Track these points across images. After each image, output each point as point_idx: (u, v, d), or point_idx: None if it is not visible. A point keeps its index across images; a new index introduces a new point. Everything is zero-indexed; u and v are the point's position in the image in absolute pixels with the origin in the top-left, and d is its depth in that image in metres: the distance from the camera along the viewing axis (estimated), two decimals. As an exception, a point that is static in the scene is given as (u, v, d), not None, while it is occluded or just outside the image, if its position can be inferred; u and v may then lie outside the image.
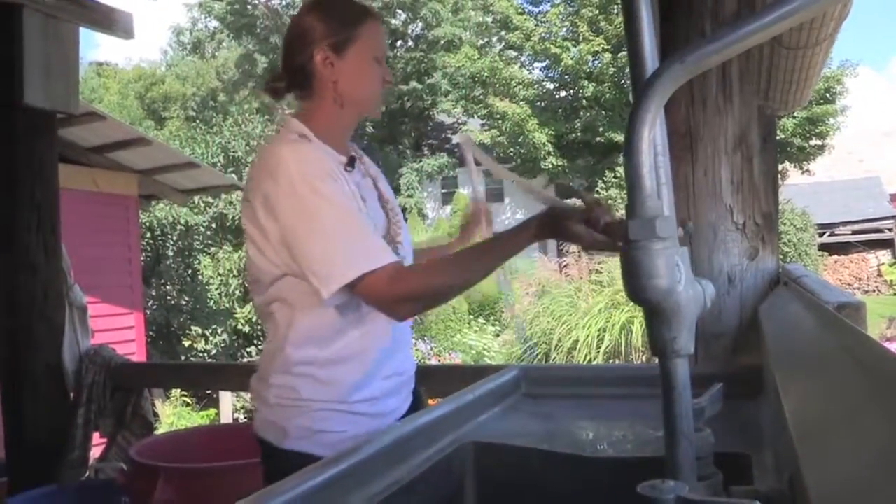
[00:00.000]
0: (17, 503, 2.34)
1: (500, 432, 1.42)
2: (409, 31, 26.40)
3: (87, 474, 2.66)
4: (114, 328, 6.06)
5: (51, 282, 2.66)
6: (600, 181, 20.77)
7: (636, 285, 0.58)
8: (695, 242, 1.75)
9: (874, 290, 22.93)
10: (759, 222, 1.72)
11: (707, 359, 1.74)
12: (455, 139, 26.84)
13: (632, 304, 5.01)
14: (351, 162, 1.51)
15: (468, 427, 1.40)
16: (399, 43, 26.43)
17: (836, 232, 24.73)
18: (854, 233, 24.74)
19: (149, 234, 9.17)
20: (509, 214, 27.38)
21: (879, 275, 23.91)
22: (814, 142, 21.52)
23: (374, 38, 1.50)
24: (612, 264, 9.04)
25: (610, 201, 19.24)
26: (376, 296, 1.37)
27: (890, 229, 24.60)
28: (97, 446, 2.93)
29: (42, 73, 2.66)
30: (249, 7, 25.51)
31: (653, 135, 0.57)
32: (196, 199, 8.88)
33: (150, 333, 8.00)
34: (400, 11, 25.47)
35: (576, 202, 1.56)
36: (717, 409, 0.82)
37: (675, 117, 1.76)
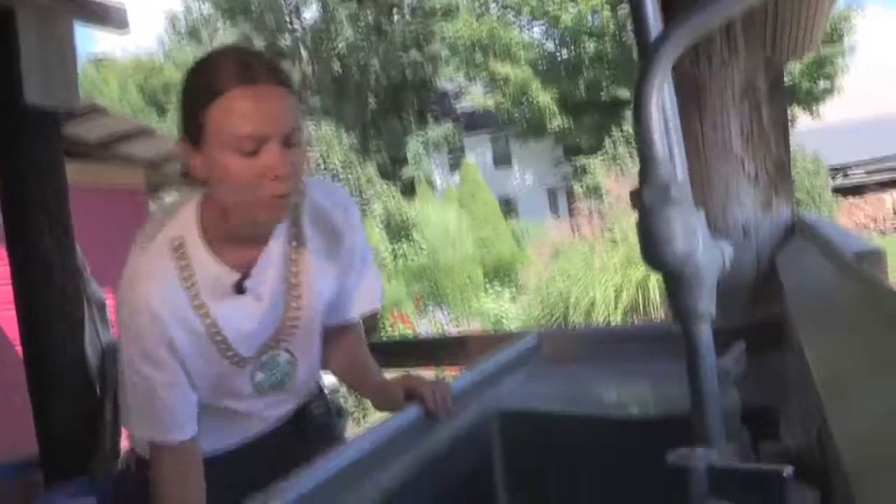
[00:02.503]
0: (54, 497, 2.38)
1: (524, 399, 1.42)
2: (406, 2, 26.14)
3: (118, 467, 2.70)
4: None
5: (68, 280, 2.67)
6: (607, 138, 20.63)
7: (653, 252, 0.57)
8: (707, 196, 1.73)
9: (892, 230, 22.74)
10: (771, 171, 1.70)
11: (725, 312, 1.73)
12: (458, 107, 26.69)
13: (647, 260, 4.99)
14: (240, 284, 1.26)
15: (492, 396, 1.41)
16: (396, 14, 26.19)
17: (850, 173, 24.49)
18: (868, 173, 24.49)
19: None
20: (518, 178, 27.30)
21: (895, 213, 23.69)
22: (822, 84, 21.25)
23: (229, 120, 1.10)
24: (624, 222, 9.01)
25: (618, 158, 19.13)
26: (153, 465, 1.27)
27: (904, 168, 24.34)
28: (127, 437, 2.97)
29: (40, 72, 2.65)
30: (242, -12, 25.33)
31: (661, 99, 0.57)
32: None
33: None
34: (395, -19, 25.23)
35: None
36: (742, 369, 0.81)
37: (681, 73, 1.74)
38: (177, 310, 1.21)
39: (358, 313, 1.47)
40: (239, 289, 1.26)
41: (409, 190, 21.27)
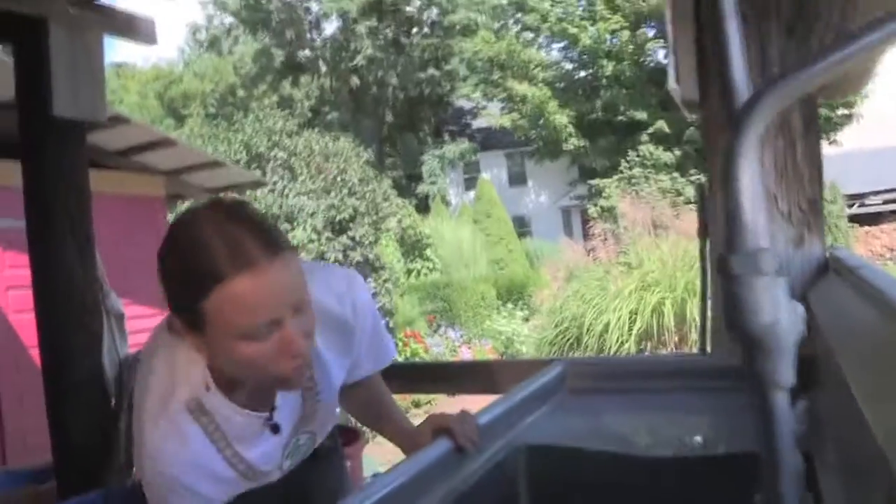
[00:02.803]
0: (66, 509, 2.38)
1: (551, 433, 1.40)
2: (425, 18, 26.30)
3: (132, 478, 2.69)
4: (147, 329, 6.10)
5: (87, 291, 2.68)
6: (623, 161, 20.63)
7: (737, 319, 0.56)
8: (738, 231, 1.72)
9: (909, 261, 22.57)
10: (805, 208, 1.69)
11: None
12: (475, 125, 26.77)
13: (662, 285, 4.95)
14: (272, 423, 1.23)
15: (519, 429, 1.39)
16: (415, 30, 26.33)
17: (866, 202, 24.36)
18: (885, 202, 24.35)
19: (177, 234, 9.21)
20: (533, 197, 27.30)
21: (915, 245, 23.52)
22: (841, 111, 21.18)
23: (234, 313, 0.99)
24: (639, 246, 8.98)
25: (633, 181, 19.12)
26: None
27: (922, 197, 24.19)
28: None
29: (69, 84, 2.66)
30: (263, 1, 25.53)
31: (752, 165, 0.56)
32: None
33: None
34: (415, -2, 25.38)
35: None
36: (805, 427, 0.79)
37: (713, 107, 1.73)
38: (209, 471, 1.18)
39: (369, 373, 1.44)
40: (274, 429, 1.23)
41: (423, 206, 21.31)
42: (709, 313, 1.95)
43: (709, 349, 1.99)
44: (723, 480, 1.20)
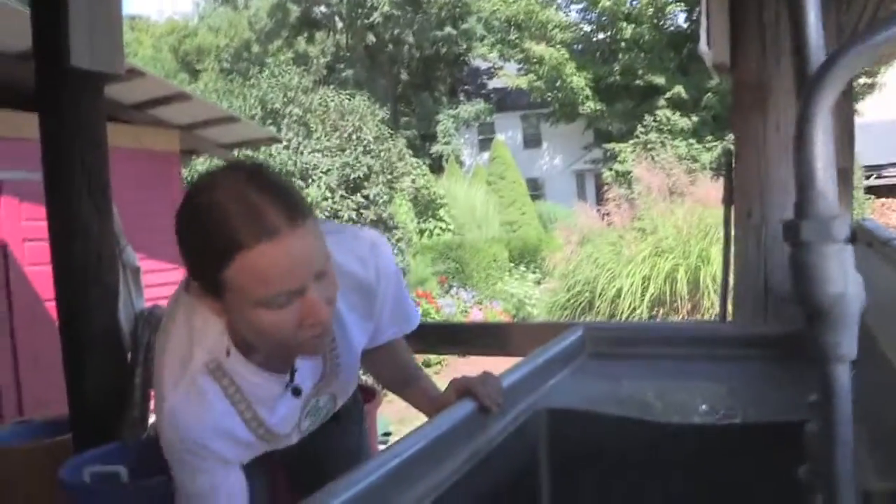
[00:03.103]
0: (84, 459, 2.40)
1: (571, 397, 1.40)
2: (443, -24, 25.93)
3: (146, 432, 2.71)
4: (162, 283, 6.15)
5: (104, 245, 2.67)
6: (639, 125, 20.41)
7: (805, 290, 0.54)
8: (765, 198, 1.69)
9: (922, 233, 22.31)
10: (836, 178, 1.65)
11: (778, 320, 1.69)
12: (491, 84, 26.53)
13: (676, 252, 4.90)
14: (293, 386, 1.23)
15: (540, 392, 1.39)
16: (432, -13, 25.99)
17: (884, 174, 24.07)
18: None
19: (190, 189, 9.22)
20: (547, 160, 27.13)
21: (925, 216, 23.26)
22: (863, 80, 20.83)
23: (255, 282, 0.98)
24: (654, 211, 8.92)
25: (650, 146, 18.94)
26: None
27: (939, 170, 23.85)
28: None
29: (87, 34, 2.63)
30: (280, -45, 25.21)
31: (826, 130, 0.53)
32: (236, 152, 8.92)
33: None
34: (433, -45, 24.99)
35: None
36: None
37: (745, 69, 1.69)
38: (228, 433, 1.18)
39: (392, 338, 1.41)
40: (295, 392, 1.23)
41: (437, 167, 21.22)
42: (730, 280, 1.93)
43: (729, 317, 1.98)
44: (751, 449, 1.19)
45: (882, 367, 0.99)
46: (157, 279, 6.08)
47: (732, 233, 1.85)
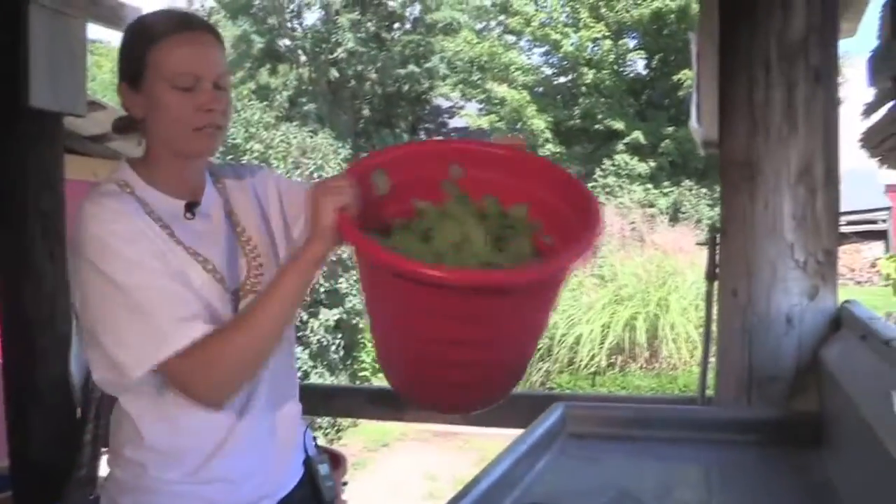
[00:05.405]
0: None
1: (558, 488, 1.33)
2: (407, 14, 26.13)
3: (95, 493, 2.57)
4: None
5: (58, 292, 2.56)
6: (598, 169, 20.65)
7: None
8: (751, 278, 1.66)
9: (867, 281, 22.92)
10: (821, 259, 1.63)
11: (762, 402, 1.65)
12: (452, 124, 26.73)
13: (635, 300, 4.89)
14: (190, 208, 1.32)
15: (525, 483, 1.33)
16: (397, 26, 26.17)
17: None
18: (848, 223, 24.68)
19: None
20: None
21: (872, 266, 23.87)
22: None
23: (169, 58, 1.22)
24: (613, 259, 8.97)
25: (608, 189, 19.18)
26: (181, 378, 1.19)
27: (884, 220, 24.56)
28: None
29: (49, 73, 2.53)
30: (246, -14, 25.19)
31: None
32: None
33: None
34: (398, -7, 25.21)
35: None
36: None
37: (734, 146, 1.67)
38: (153, 245, 1.22)
39: None
40: (190, 209, 1.32)
41: (396, 203, 21.08)
42: (710, 358, 1.89)
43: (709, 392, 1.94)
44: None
45: (877, 454, 0.94)
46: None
47: (714, 309, 1.81)
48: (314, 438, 1.56)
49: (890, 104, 1.81)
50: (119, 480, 1.32)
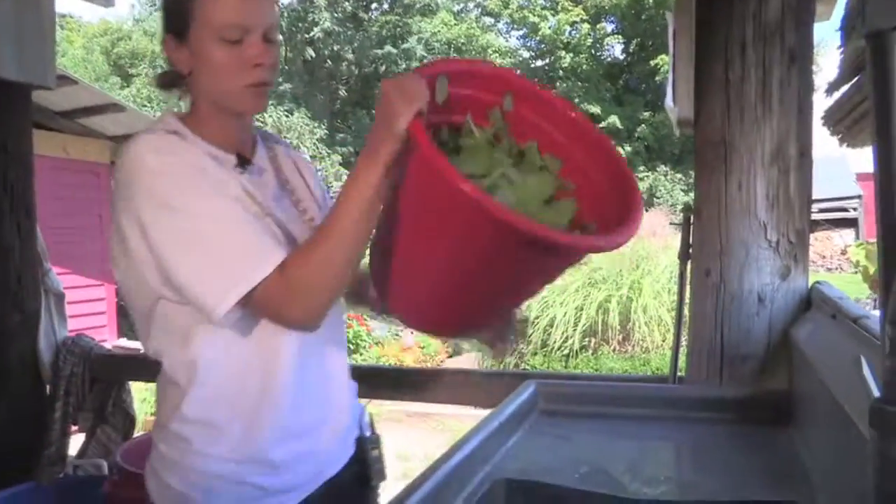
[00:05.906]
0: (-10, 500, 2.23)
1: (530, 464, 1.34)
2: (386, -6, 25.95)
3: (64, 471, 2.54)
4: (84, 300, 5.89)
5: (25, 268, 2.51)
6: (574, 153, 20.72)
7: None
8: (724, 258, 1.67)
9: (837, 268, 23.24)
10: (793, 240, 1.64)
11: (733, 381, 1.67)
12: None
13: (608, 283, 4.90)
14: (241, 162, 1.27)
15: (497, 459, 1.33)
16: (374, 6, 25.97)
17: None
18: (821, 210, 24.97)
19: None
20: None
21: (843, 253, 24.19)
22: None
23: (216, 8, 1.16)
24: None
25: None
26: (272, 304, 1.12)
27: (855, 209, 24.89)
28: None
29: (15, 43, 2.47)
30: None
31: None
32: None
33: (122, 304, 7.79)
34: (376, -27, 25.00)
35: None
36: None
37: (709, 126, 1.67)
38: (211, 173, 1.18)
39: None
40: (241, 163, 1.27)
41: (372, 185, 21.00)
42: (683, 339, 1.90)
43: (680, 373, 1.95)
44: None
45: (849, 433, 0.96)
46: (82, 295, 5.82)
47: (687, 290, 1.82)
48: (370, 416, 1.52)
49: (855, 80, 1.82)
50: (164, 456, 1.25)
